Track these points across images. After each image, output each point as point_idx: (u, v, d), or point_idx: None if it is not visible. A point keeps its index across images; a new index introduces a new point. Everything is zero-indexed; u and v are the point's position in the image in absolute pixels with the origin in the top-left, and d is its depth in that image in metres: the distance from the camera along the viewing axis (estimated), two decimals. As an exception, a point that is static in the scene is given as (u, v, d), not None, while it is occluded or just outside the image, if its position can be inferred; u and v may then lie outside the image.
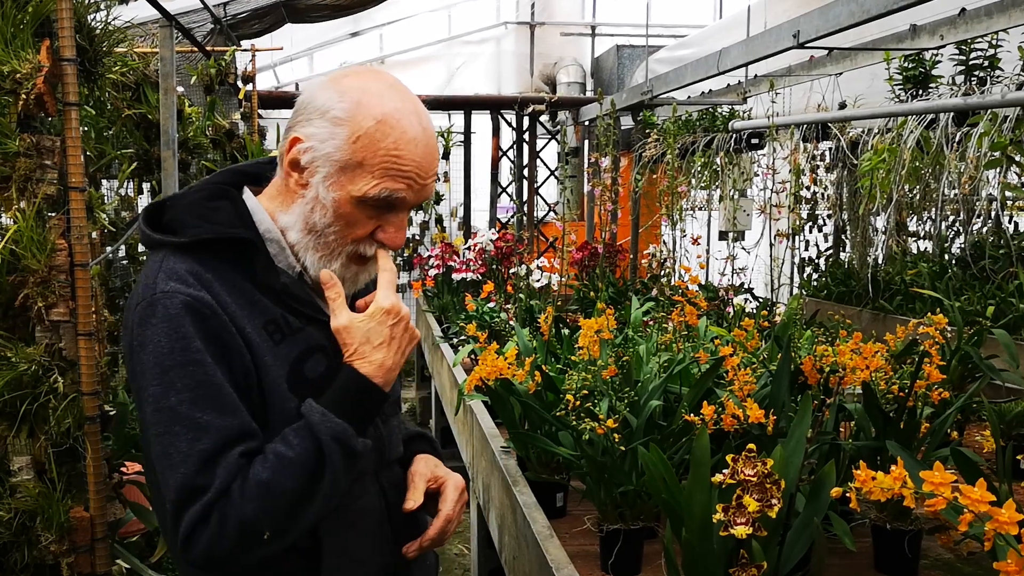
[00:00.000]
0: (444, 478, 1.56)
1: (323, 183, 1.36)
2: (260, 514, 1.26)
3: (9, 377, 2.13)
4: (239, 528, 1.26)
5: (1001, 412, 2.89)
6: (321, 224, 1.38)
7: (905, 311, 4.88)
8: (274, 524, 1.28)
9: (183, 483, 1.26)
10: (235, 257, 1.38)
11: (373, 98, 1.35)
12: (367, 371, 1.35)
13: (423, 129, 1.37)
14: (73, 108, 2.20)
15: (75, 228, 2.22)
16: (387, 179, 1.34)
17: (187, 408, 1.28)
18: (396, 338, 1.38)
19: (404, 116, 1.35)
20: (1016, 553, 1.25)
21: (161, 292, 1.31)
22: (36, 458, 2.21)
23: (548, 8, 10.66)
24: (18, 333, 2.23)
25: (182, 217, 1.40)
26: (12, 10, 2.14)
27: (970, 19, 3.92)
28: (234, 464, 1.28)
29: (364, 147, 1.33)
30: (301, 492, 1.28)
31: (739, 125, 6.15)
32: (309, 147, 1.36)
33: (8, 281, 2.18)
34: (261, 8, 6.29)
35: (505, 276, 6.01)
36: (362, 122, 1.33)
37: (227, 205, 1.42)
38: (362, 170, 1.34)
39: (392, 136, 1.33)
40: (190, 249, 1.37)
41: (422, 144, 1.36)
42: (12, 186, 2.16)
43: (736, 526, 1.48)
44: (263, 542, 1.28)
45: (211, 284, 1.34)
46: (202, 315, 1.30)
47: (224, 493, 1.26)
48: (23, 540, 2.19)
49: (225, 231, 1.38)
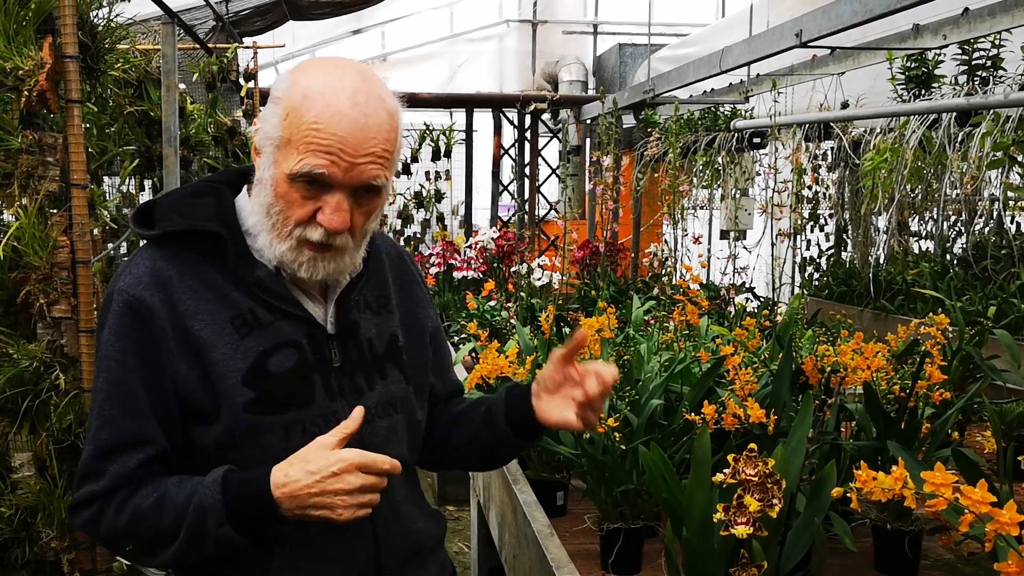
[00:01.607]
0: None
1: (267, 162, 1.36)
2: (126, 533, 1.35)
3: (11, 374, 2.13)
4: (108, 532, 1.36)
5: (1002, 413, 2.89)
6: (266, 203, 1.37)
7: (906, 311, 4.88)
8: (136, 546, 1.37)
9: (85, 460, 1.37)
10: (206, 250, 1.39)
11: (306, 76, 1.35)
12: (275, 478, 1.31)
13: (353, 104, 1.31)
14: (75, 105, 2.21)
15: (77, 225, 2.22)
16: (308, 154, 1.30)
17: (103, 397, 1.37)
18: (323, 487, 1.30)
19: (331, 91, 1.31)
20: (1017, 554, 1.25)
21: (117, 289, 1.39)
22: (37, 455, 2.21)
23: (550, 6, 10.66)
24: (20, 330, 2.23)
25: (163, 212, 1.42)
26: (15, 7, 2.14)
27: (973, 19, 3.92)
28: (130, 472, 1.35)
29: (291, 123, 1.32)
30: (162, 534, 1.33)
31: (741, 124, 6.15)
32: (258, 128, 1.38)
33: (10, 278, 2.18)
34: (263, 6, 6.29)
35: (506, 274, 6.01)
36: (292, 98, 1.33)
37: (210, 201, 1.43)
38: (290, 147, 1.32)
39: (314, 110, 1.30)
40: (162, 242, 1.40)
41: (348, 119, 1.30)
42: (14, 183, 2.16)
43: (737, 526, 1.48)
44: (123, 550, 1.39)
45: (168, 282, 1.37)
46: (140, 317, 1.36)
47: (109, 494, 1.35)
48: (24, 536, 2.19)
49: (193, 224, 1.39)
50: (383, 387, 1.50)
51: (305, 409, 1.40)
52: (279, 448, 1.36)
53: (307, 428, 1.39)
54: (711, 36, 7.39)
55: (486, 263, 6.21)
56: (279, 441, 1.37)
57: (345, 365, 1.46)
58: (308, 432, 1.39)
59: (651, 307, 3.92)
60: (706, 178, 6.67)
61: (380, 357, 1.51)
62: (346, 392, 1.45)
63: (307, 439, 1.36)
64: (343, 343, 1.46)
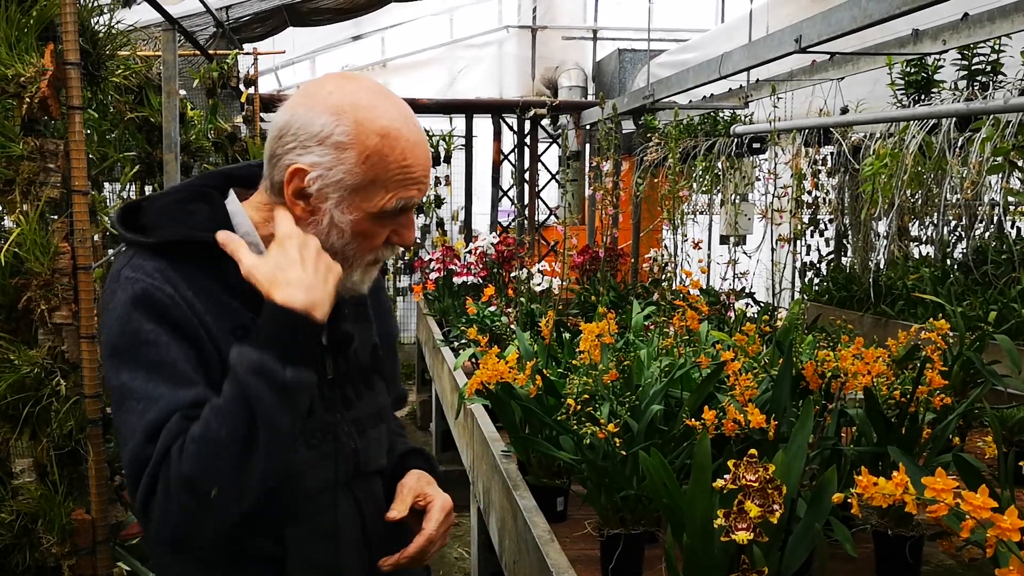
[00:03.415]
0: (432, 497, 1.50)
1: (336, 208, 1.35)
2: (200, 470, 1.21)
3: (12, 380, 2.13)
4: (182, 488, 1.21)
5: (1003, 418, 2.89)
6: (339, 244, 1.37)
7: (907, 316, 4.88)
8: (217, 479, 1.22)
9: (133, 456, 1.25)
10: (205, 260, 1.35)
11: (368, 112, 1.33)
12: (283, 297, 1.27)
13: (418, 130, 1.38)
14: (77, 112, 2.21)
15: (78, 231, 2.22)
16: (401, 189, 1.35)
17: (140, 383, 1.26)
18: (308, 260, 1.30)
19: (403, 124, 1.35)
20: (1018, 560, 1.25)
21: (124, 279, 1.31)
22: (38, 460, 2.21)
23: (550, 12, 10.67)
24: (21, 336, 2.23)
25: (154, 218, 1.38)
26: (16, 14, 2.15)
27: (973, 24, 3.93)
28: (175, 427, 1.24)
29: (374, 165, 1.33)
30: (235, 437, 1.22)
31: (741, 129, 6.16)
32: (317, 176, 1.33)
33: (11, 284, 2.18)
34: (263, 12, 6.31)
35: (506, 280, 6.02)
36: (366, 140, 1.32)
37: (203, 208, 1.40)
38: (375, 186, 1.34)
39: (399, 148, 1.33)
40: (157, 251, 1.35)
41: (421, 146, 1.37)
42: (16, 189, 2.17)
43: (737, 531, 1.48)
44: (212, 503, 1.23)
45: (177, 283, 1.32)
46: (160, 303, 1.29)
47: (164, 456, 1.22)
48: (25, 542, 2.19)
49: (193, 234, 1.35)
50: (370, 397, 1.52)
51: (306, 422, 1.38)
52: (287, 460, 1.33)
53: (309, 441, 1.39)
54: (711, 41, 7.40)
55: (486, 268, 6.21)
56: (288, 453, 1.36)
57: (337, 377, 1.46)
58: (310, 444, 1.39)
59: (651, 312, 3.91)
60: (706, 183, 6.68)
61: (366, 367, 1.52)
62: (339, 404, 1.45)
63: (311, 452, 1.38)
64: (335, 355, 1.46)
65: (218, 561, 1.38)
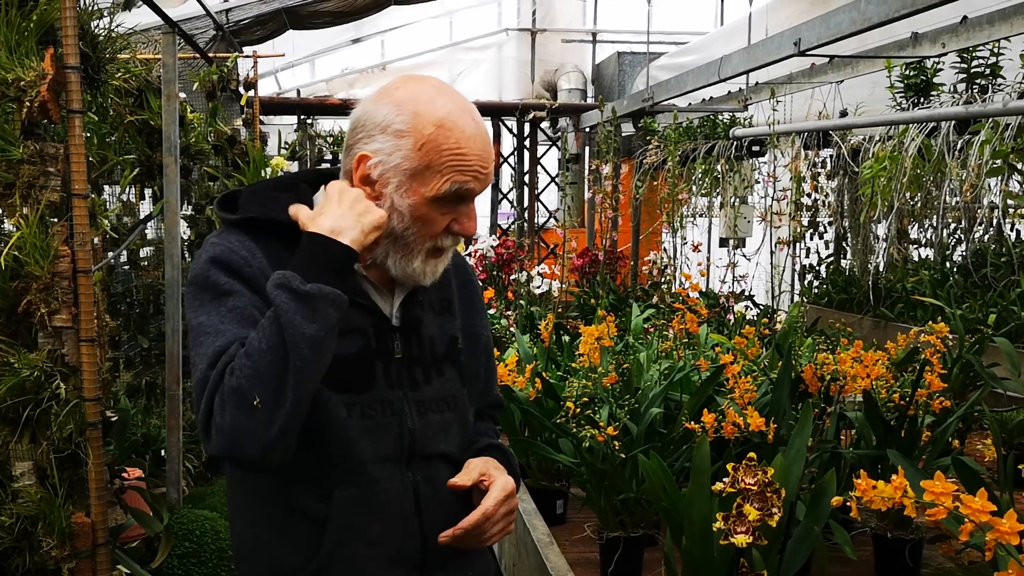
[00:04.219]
0: (495, 477, 1.55)
1: (396, 192, 1.46)
2: (244, 380, 1.33)
3: (12, 383, 2.13)
4: (230, 398, 1.33)
5: (1003, 421, 2.89)
6: (400, 228, 1.47)
7: (906, 319, 4.88)
8: (258, 387, 1.33)
9: (198, 380, 1.38)
10: (283, 239, 1.47)
11: (427, 105, 1.45)
12: (312, 227, 1.41)
13: (477, 124, 1.47)
14: (77, 115, 2.21)
15: (78, 234, 2.22)
16: (455, 174, 1.44)
17: (213, 321, 1.41)
18: (344, 201, 1.44)
19: (459, 116, 1.45)
20: (1017, 563, 1.25)
21: (209, 244, 1.48)
22: (38, 463, 2.21)
23: (549, 15, 10.67)
24: (21, 339, 2.23)
25: (244, 200, 1.53)
26: (17, 18, 2.15)
27: (972, 27, 3.93)
28: (233, 352, 1.37)
29: (429, 151, 1.44)
30: (269, 347, 1.34)
31: (740, 132, 6.16)
32: (378, 162, 1.46)
33: (11, 287, 2.18)
34: (263, 15, 6.31)
35: (506, 282, 6.02)
36: (423, 129, 1.44)
37: (289, 196, 1.53)
38: (431, 172, 1.44)
39: (453, 136, 1.44)
40: (242, 227, 1.49)
41: (478, 139, 1.46)
42: (16, 193, 2.16)
43: (736, 535, 1.48)
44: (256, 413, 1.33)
45: (254, 251, 1.46)
46: (236, 263, 1.44)
47: (220, 376, 1.35)
48: (24, 545, 2.19)
49: (271, 214, 1.49)
50: (439, 383, 1.58)
51: (365, 393, 1.48)
52: (342, 423, 1.44)
53: (365, 411, 1.48)
54: (710, 44, 7.40)
55: (485, 271, 6.21)
56: (342, 418, 1.45)
57: (405, 357, 1.54)
58: (367, 415, 1.48)
59: (650, 315, 3.92)
60: (705, 186, 6.68)
61: (440, 355, 1.60)
62: (404, 383, 1.53)
63: (366, 422, 1.46)
64: (406, 336, 1.55)
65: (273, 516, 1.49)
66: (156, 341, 4.27)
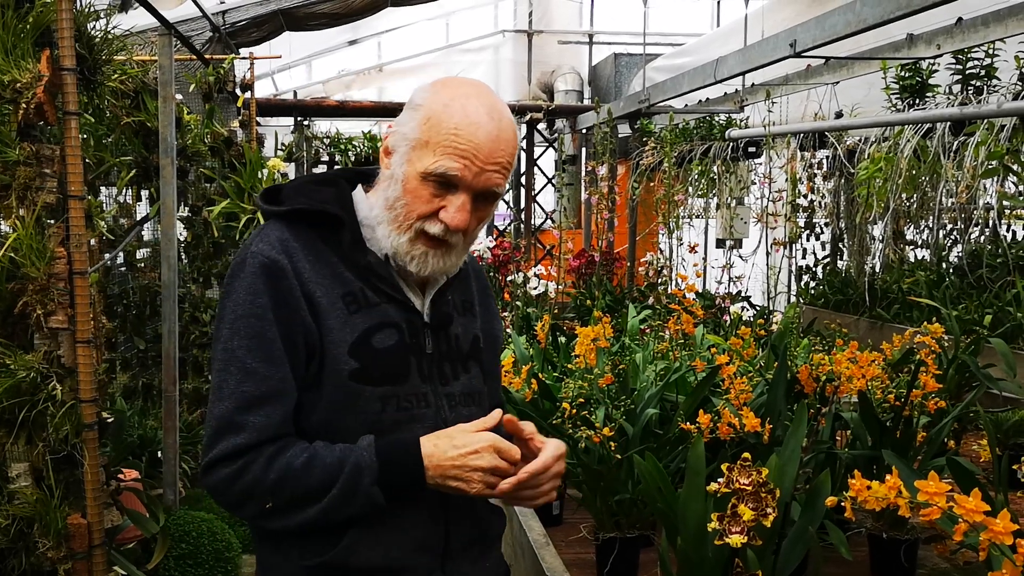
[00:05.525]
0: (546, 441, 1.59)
1: (400, 160, 1.51)
2: (272, 489, 1.42)
3: (8, 384, 2.13)
4: (249, 487, 1.42)
5: (998, 421, 2.90)
6: (392, 197, 1.51)
7: (902, 319, 4.89)
8: (277, 504, 1.43)
9: (224, 415, 1.44)
10: (325, 231, 1.54)
11: (448, 88, 1.51)
12: (425, 448, 1.46)
13: (489, 118, 1.47)
14: (73, 117, 2.21)
15: (74, 236, 2.22)
16: (445, 156, 1.45)
17: (243, 353, 1.45)
18: (465, 462, 1.46)
19: (471, 102, 1.48)
20: (1011, 563, 1.25)
21: (251, 253, 1.50)
22: (34, 465, 2.21)
23: (546, 16, 10.66)
24: (17, 340, 2.23)
25: (288, 194, 1.58)
26: (13, 20, 2.15)
27: (967, 28, 3.94)
28: (276, 425, 1.44)
29: (432, 126, 1.47)
30: (311, 492, 1.42)
31: (736, 133, 6.17)
32: (395, 131, 1.53)
33: (7, 288, 2.18)
34: (260, 16, 6.30)
35: (502, 283, 6.02)
36: (433, 105, 1.48)
37: (331, 190, 1.59)
38: (428, 148, 1.47)
39: (456, 118, 1.46)
40: (287, 219, 1.54)
41: (484, 129, 1.46)
42: (12, 194, 2.17)
43: (731, 535, 1.48)
44: (260, 508, 1.45)
45: (295, 252, 1.50)
46: (275, 276, 1.47)
47: (258, 447, 1.42)
48: (21, 546, 2.19)
49: (316, 205, 1.54)
50: (466, 379, 1.63)
51: (401, 385, 1.52)
52: (374, 419, 1.49)
53: (401, 403, 1.52)
54: (706, 46, 7.42)
55: (482, 272, 6.20)
56: (376, 412, 1.49)
57: (436, 353, 1.59)
58: (401, 407, 1.52)
59: (647, 316, 3.92)
60: (701, 187, 6.69)
61: (465, 353, 1.65)
62: (435, 377, 1.58)
63: (401, 414, 1.51)
64: (436, 333, 1.60)
65: None
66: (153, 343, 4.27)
